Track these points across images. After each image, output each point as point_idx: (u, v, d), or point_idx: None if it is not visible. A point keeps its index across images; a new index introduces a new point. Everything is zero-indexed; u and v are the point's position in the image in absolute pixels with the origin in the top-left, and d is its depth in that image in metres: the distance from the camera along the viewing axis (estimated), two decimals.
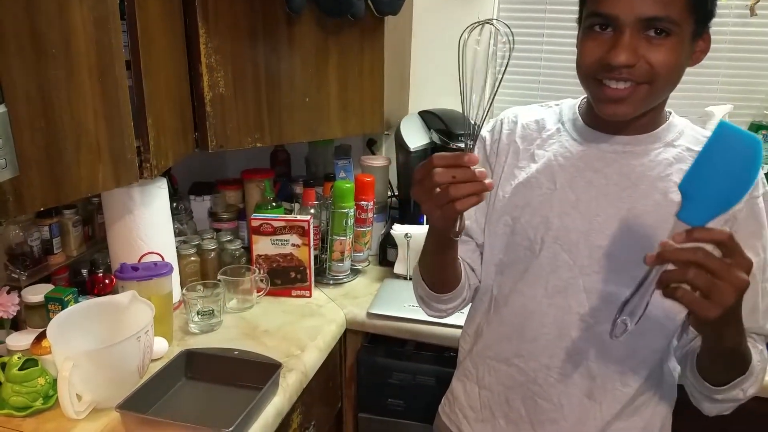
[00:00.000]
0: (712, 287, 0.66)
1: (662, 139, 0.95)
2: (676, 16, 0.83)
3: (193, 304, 1.44)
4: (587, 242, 0.94)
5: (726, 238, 0.68)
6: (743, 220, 0.90)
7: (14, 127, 0.95)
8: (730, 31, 1.88)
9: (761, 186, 0.92)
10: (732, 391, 0.88)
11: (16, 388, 1.11)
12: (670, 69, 0.86)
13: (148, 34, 1.22)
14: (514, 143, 1.05)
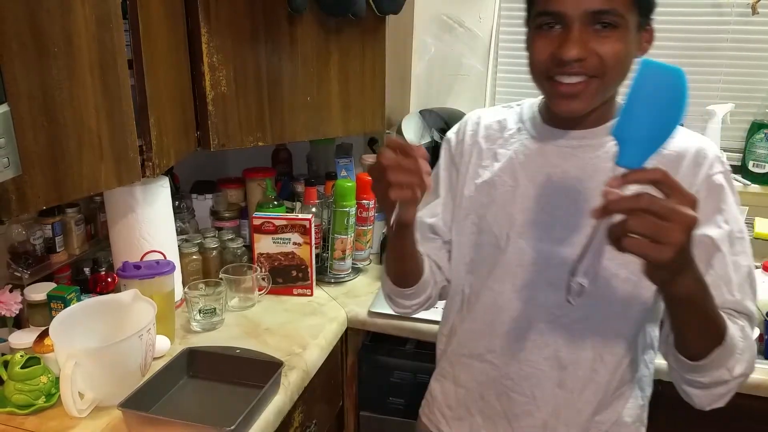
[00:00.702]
0: (660, 230, 0.65)
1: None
2: (621, 9, 0.85)
3: (195, 302, 1.44)
4: (550, 236, 0.97)
5: (662, 176, 0.67)
6: (703, 199, 0.88)
7: (16, 126, 0.95)
8: (732, 29, 1.88)
9: (718, 165, 0.93)
10: (716, 371, 0.85)
11: (19, 386, 1.11)
12: (619, 60, 0.88)
13: (150, 33, 1.22)
14: (478, 144, 1.08)
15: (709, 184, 0.92)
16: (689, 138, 0.96)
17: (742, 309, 0.90)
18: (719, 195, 0.92)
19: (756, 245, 1.79)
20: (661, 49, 1.95)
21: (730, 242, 0.91)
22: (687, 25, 1.92)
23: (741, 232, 0.93)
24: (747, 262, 0.92)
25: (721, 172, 0.93)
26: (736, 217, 0.93)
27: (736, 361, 0.85)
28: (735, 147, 1.94)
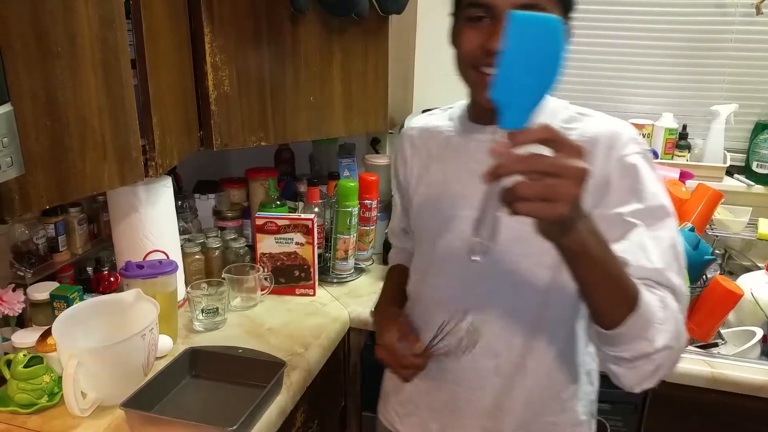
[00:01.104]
0: (551, 188, 0.63)
1: (537, 121, 0.96)
2: (546, 3, 0.87)
3: (197, 302, 1.44)
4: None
5: (546, 133, 0.65)
6: (617, 180, 0.91)
7: (20, 125, 0.95)
8: (736, 29, 1.88)
9: (632, 146, 0.93)
10: (635, 342, 0.80)
11: (22, 386, 1.11)
12: None
13: (153, 33, 1.22)
14: (416, 148, 1.12)
15: (622, 164, 0.92)
16: (604, 122, 0.96)
17: (663, 280, 0.85)
18: (634, 175, 0.91)
19: (760, 246, 1.80)
20: (665, 49, 1.95)
21: (648, 217, 0.89)
22: (691, 26, 1.91)
23: (662, 207, 0.90)
24: (670, 235, 0.89)
25: (636, 153, 0.93)
26: (655, 194, 0.91)
27: (657, 332, 0.79)
28: (739, 147, 1.94)
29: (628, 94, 2.03)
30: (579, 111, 1.00)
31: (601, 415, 1.43)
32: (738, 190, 1.86)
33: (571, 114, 0.99)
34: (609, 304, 0.79)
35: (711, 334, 1.44)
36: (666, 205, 0.91)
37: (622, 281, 0.77)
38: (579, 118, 0.98)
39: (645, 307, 0.78)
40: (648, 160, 0.94)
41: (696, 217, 1.62)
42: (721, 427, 1.38)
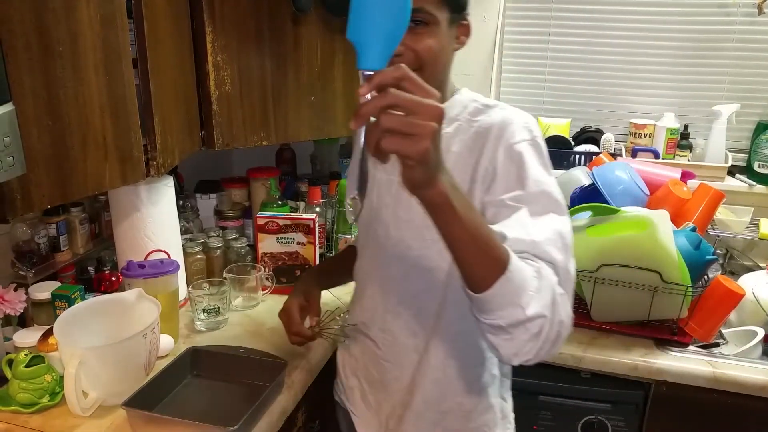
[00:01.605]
0: (409, 123, 0.65)
1: (447, 115, 0.96)
2: (430, 7, 0.92)
3: (198, 301, 1.44)
4: (394, 216, 1.06)
5: (402, 73, 0.67)
6: (502, 168, 0.93)
7: (21, 125, 0.95)
8: (738, 29, 1.88)
9: (522, 133, 0.95)
10: (508, 308, 0.78)
11: (23, 385, 1.11)
12: (434, 54, 0.94)
13: (155, 33, 1.22)
14: None
15: (509, 152, 0.94)
16: (500, 111, 1.00)
17: (540, 253, 0.84)
18: (519, 162, 0.92)
19: (762, 246, 1.79)
20: (667, 49, 1.95)
21: (531, 203, 0.89)
22: (693, 26, 1.91)
23: (545, 194, 0.90)
24: (553, 220, 0.88)
25: (525, 140, 0.94)
26: (538, 181, 0.91)
27: (530, 299, 0.78)
28: (741, 147, 1.94)
29: (630, 94, 2.03)
30: (486, 103, 1.04)
31: (602, 415, 1.43)
32: (739, 190, 1.85)
33: (478, 106, 1.03)
34: (476, 264, 0.78)
35: (712, 334, 1.44)
36: (550, 193, 0.91)
37: (491, 241, 0.77)
38: (484, 110, 1.01)
39: (516, 272, 0.77)
40: (537, 147, 0.95)
41: (698, 217, 1.61)
42: (723, 427, 1.38)
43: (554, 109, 2.10)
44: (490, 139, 0.96)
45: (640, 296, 1.39)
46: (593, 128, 2.05)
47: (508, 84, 2.11)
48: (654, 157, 1.91)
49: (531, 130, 0.96)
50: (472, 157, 0.97)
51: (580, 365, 1.40)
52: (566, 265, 0.86)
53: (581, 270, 1.42)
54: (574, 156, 1.96)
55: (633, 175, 1.63)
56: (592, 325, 1.47)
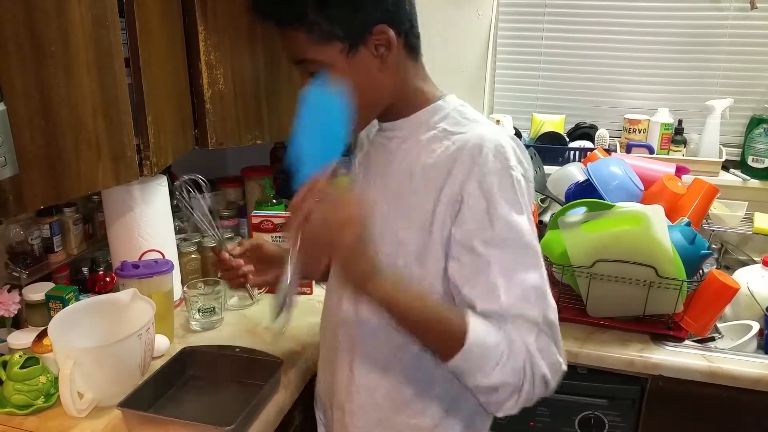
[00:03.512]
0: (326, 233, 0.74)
1: (426, 122, 0.96)
2: (310, 55, 0.88)
3: (194, 301, 1.44)
4: None
5: (314, 185, 0.76)
6: (472, 199, 0.87)
7: (13, 125, 0.94)
8: (731, 24, 1.88)
9: (493, 162, 0.87)
10: (472, 376, 0.83)
11: (18, 387, 1.11)
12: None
13: (147, 32, 1.22)
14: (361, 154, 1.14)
15: (480, 184, 0.87)
16: (477, 129, 0.91)
17: (514, 317, 0.84)
18: (489, 197, 0.86)
19: (756, 240, 1.80)
20: (661, 44, 1.95)
21: (501, 247, 0.86)
22: (686, 21, 1.91)
23: (516, 239, 0.86)
24: (525, 269, 0.86)
25: (497, 171, 0.86)
26: (509, 222, 0.86)
27: (492, 369, 0.82)
28: (734, 142, 1.94)
29: (624, 90, 2.03)
30: (467, 116, 0.95)
31: (599, 411, 1.44)
32: (734, 184, 1.86)
33: (458, 118, 0.95)
34: (433, 343, 0.86)
35: (708, 328, 1.44)
36: (520, 236, 0.86)
37: (444, 322, 0.83)
38: (463, 123, 0.94)
39: (476, 346, 0.82)
40: (508, 179, 0.87)
41: (692, 212, 1.62)
42: (719, 421, 1.38)
43: (548, 105, 2.10)
44: (462, 162, 0.88)
45: (635, 291, 1.39)
46: (587, 124, 2.05)
47: (502, 80, 2.11)
48: (648, 153, 1.91)
49: (506, 158, 0.87)
50: (440, 175, 0.89)
51: (576, 361, 1.40)
52: (545, 316, 0.86)
53: (577, 266, 1.42)
54: (569, 152, 1.97)
55: (627, 170, 1.63)
56: (588, 320, 1.48)
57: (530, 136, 2.07)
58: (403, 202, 0.94)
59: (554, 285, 1.55)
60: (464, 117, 0.95)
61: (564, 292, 1.51)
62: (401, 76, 0.94)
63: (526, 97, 2.11)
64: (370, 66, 0.90)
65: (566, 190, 1.72)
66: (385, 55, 0.90)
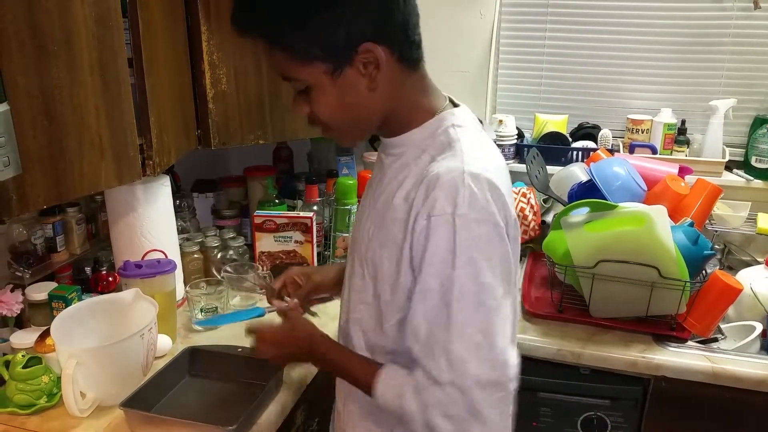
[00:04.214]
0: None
1: (417, 144, 0.91)
2: (293, 74, 0.85)
3: (196, 301, 1.44)
4: (358, 246, 0.97)
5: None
6: (417, 237, 0.83)
7: (16, 125, 0.95)
8: (734, 24, 1.87)
9: (440, 204, 0.81)
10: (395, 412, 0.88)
11: (20, 386, 1.11)
12: (330, 113, 0.87)
13: (150, 32, 1.22)
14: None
15: (428, 224, 0.82)
16: (447, 161, 0.84)
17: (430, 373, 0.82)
18: (424, 246, 0.82)
19: (759, 241, 1.80)
20: (664, 44, 1.95)
21: (422, 299, 0.83)
22: (689, 21, 1.91)
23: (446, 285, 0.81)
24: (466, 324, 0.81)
25: (451, 213, 0.80)
26: (463, 275, 0.80)
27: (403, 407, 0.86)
28: (737, 142, 1.94)
29: (627, 90, 2.03)
30: (450, 140, 0.87)
31: (602, 411, 1.43)
32: (737, 184, 1.85)
33: (443, 141, 0.88)
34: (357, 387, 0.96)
35: (711, 329, 1.44)
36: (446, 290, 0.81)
37: (358, 382, 0.95)
38: (448, 149, 0.86)
39: (381, 397, 0.90)
40: (450, 226, 0.80)
41: (695, 212, 1.61)
42: (722, 422, 1.38)
43: (551, 105, 2.09)
44: (420, 193, 0.83)
45: (638, 292, 1.39)
46: (590, 124, 2.04)
47: (505, 80, 2.11)
48: (651, 153, 1.91)
49: (456, 204, 0.80)
50: (413, 204, 0.84)
51: (579, 361, 1.40)
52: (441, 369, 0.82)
53: (580, 266, 1.42)
54: (572, 152, 1.96)
55: (630, 170, 1.63)
56: (591, 321, 1.47)
57: (533, 136, 2.07)
58: (384, 229, 0.90)
59: (557, 285, 1.56)
60: (447, 142, 0.87)
61: (566, 292, 1.51)
62: (396, 94, 0.88)
63: (529, 97, 2.11)
64: (359, 85, 0.85)
65: (569, 191, 1.71)
66: (374, 74, 0.84)
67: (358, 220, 1.02)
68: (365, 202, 1.01)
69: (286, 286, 1.19)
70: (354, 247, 1.01)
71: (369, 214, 0.96)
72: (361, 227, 0.98)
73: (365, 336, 0.96)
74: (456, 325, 0.81)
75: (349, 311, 1.00)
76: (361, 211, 1.02)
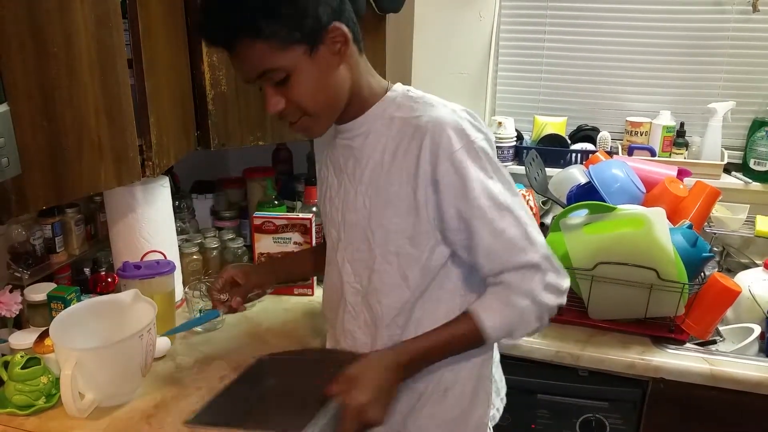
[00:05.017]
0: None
1: (380, 115, 1.02)
2: (274, 64, 0.90)
3: (195, 302, 1.44)
4: (343, 219, 1.07)
5: None
6: (447, 178, 0.94)
7: (16, 125, 0.95)
8: (733, 27, 1.88)
9: (455, 141, 0.93)
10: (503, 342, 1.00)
11: (19, 387, 1.11)
12: (311, 96, 0.94)
13: (150, 33, 1.22)
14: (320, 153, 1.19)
15: (451, 162, 0.93)
16: (430, 111, 0.97)
17: (514, 266, 0.95)
18: (462, 172, 0.93)
19: (758, 243, 1.80)
20: (663, 47, 1.95)
21: (482, 218, 0.94)
22: (688, 23, 1.91)
23: (493, 199, 0.94)
24: (507, 223, 0.95)
25: (461, 147, 0.93)
26: (485, 188, 0.94)
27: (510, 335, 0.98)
28: (736, 145, 1.94)
29: (626, 93, 2.03)
30: (414, 97, 1.02)
31: (600, 413, 1.43)
32: (735, 187, 1.86)
33: (407, 103, 1.01)
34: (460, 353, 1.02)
35: (709, 331, 1.44)
36: (495, 197, 0.94)
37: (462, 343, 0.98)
38: (414, 107, 0.99)
39: (494, 333, 0.96)
40: (472, 150, 0.94)
41: (694, 215, 1.62)
42: (720, 424, 1.38)
43: (550, 107, 2.10)
44: (426, 147, 0.94)
45: (637, 294, 1.39)
46: (589, 126, 2.05)
47: (504, 82, 2.11)
48: (650, 155, 1.91)
49: (467, 134, 0.94)
50: (408, 158, 0.96)
51: (577, 363, 1.40)
52: (541, 254, 0.96)
53: (578, 268, 1.42)
54: (571, 154, 1.97)
55: (629, 172, 1.63)
56: (590, 323, 1.47)
57: (532, 138, 2.07)
58: (383, 193, 0.99)
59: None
60: (415, 102, 1.00)
61: None
62: (355, 72, 0.98)
63: (528, 99, 2.12)
64: (331, 63, 0.94)
65: (568, 193, 1.72)
66: (343, 51, 0.94)
67: (340, 209, 1.08)
68: (343, 189, 1.06)
69: (226, 285, 1.20)
70: (348, 232, 1.06)
71: (357, 192, 1.03)
72: (352, 209, 1.04)
73: (388, 298, 1.03)
74: (520, 218, 0.96)
75: (362, 290, 1.06)
76: (342, 199, 1.07)
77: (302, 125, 0.98)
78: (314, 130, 1.00)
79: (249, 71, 0.93)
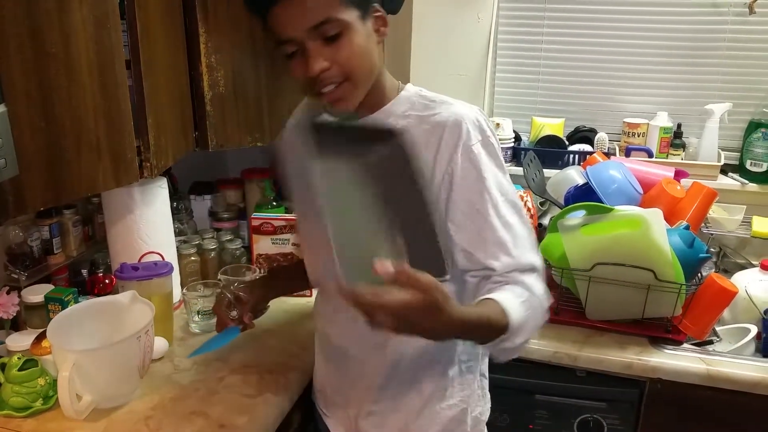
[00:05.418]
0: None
1: (394, 113, 1.04)
2: (337, 14, 0.92)
3: (193, 303, 1.44)
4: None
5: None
6: (462, 170, 0.96)
7: (14, 126, 0.94)
8: (729, 29, 1.89)
9: (475, 134, 0.97)
10: (501, 344, 0.90)
11: (16, 389, 1.11)
12: (358, 59, 0.96)
13: (148, 33, 1.22)
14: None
15: (468, 154, 0.96)
16: (449, 108, 1.00)
17: (524, 266, 0.95)
18: (478, 164, 0.96)
19: (754, 243, 1.80)
20: (660, 48, 1.96)
21: (495, 208, 0.96)
22: (685, 25, 1.92)
23: (505, 194, 0.98)
24: (516, 219, 0.98)
25: (478, 141, 0.97)
26: (499, 183, 0.98)
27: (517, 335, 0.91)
28: (733, 146, 1.95)
29: (623, 94, 2.04)
30: (431, 98, 1.04)
31: (598, 414, 1.44)
32: (732, 188, 1.87)
33: (425, 102, 1.03)
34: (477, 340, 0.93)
35: (706, 331, 1.45)
36: (510, 192, 0.99)
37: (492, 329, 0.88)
38: (432, 105, 1.02)
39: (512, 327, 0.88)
40: (489, 146, 0.98)
41: (691, 216, 1.62)
42: (717, 424, 1.38)
43: (548, 108, 2.10)
44: (446, 139, 0.97)
45: (634, 295, 1.39)
46: (587, 128, 2.05)
47: (502, 84, 2.11)
48: (647, 156, 1.92)
49: (483, 129, 0.99)
50: (428, 153, 0.98)
51: (575, 364, 1.41)
52: (539, 262, 0.98)
53: (576, 269, 1.42)
54: (568, 155, 1.97)
55: (627, 174, 1.63)
56: (587, 323, 1.48)
57: (530, 140, 2.07)
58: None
59: (553, 288, 1.56)
60: (431, 101, 1.03)
61: (563, 295, 1.51)
62: (380, 60, 1.02)
63: (526, 101, 2.12)
64: (372, 40, 0.98)
65: (565, 194, 1.72)
66: (382, 32, 0.99)
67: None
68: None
69: (231, 304, 1.23)
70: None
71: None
72: None
73: None
74: (526, 219, 0.99)
75: None
76: None
77: (339, 93, 0.97)
78: (349, 101, 0.99)
79: (306, 20, 0.92)
